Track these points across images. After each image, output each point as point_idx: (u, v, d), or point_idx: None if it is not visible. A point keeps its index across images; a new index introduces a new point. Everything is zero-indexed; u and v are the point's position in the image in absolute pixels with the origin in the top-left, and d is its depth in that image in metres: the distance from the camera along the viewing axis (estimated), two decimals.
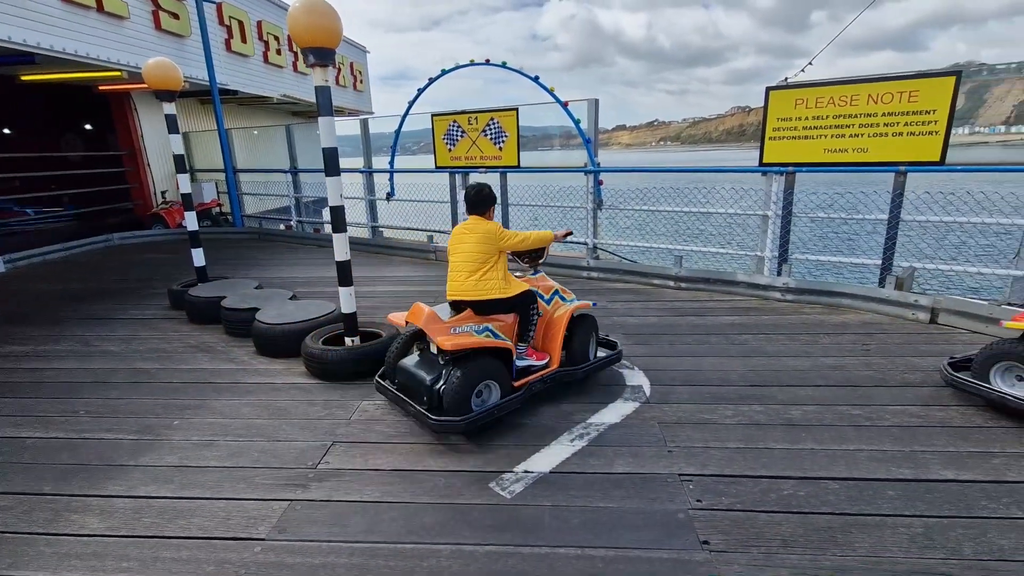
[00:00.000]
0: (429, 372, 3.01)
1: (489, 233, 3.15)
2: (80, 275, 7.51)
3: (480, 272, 3.11)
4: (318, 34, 3.34)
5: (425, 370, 3.04)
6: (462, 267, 3.16)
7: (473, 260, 3.13)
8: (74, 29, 7.52)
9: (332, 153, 3.66)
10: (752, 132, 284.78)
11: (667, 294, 5.63)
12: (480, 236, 3.14)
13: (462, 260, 3.17)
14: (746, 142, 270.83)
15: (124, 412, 3.40)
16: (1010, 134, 71.62)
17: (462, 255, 3.17)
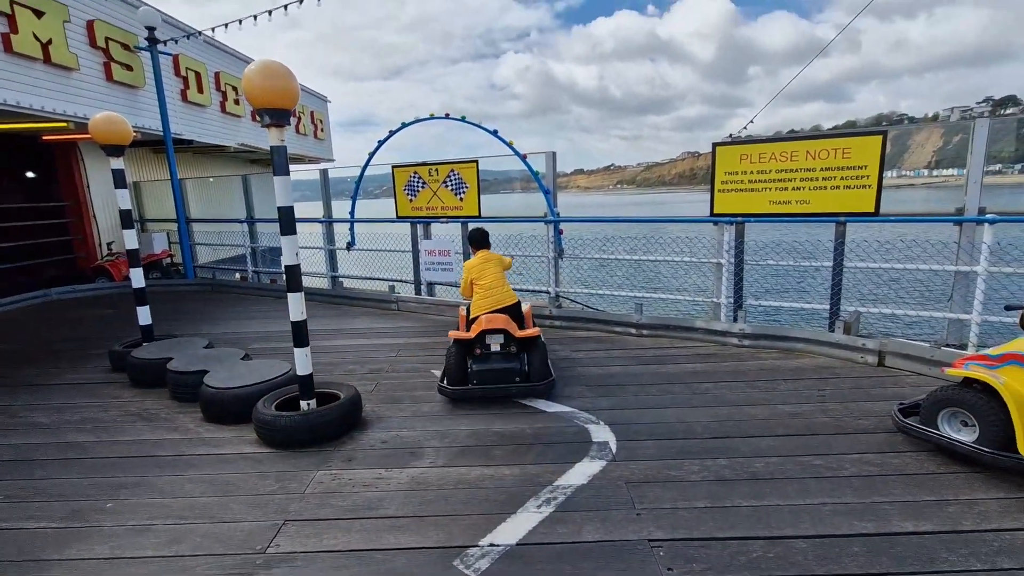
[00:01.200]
0: (511, 361, 4.19)
1: (501, 260, 4.82)
2: (11, 335, 7.01)
3: (506, 285, 4.65)
4: (273, 96, 3.33)
5: (507, 360, 4.19)
6: (498, 283, 4.58)
7: (502, 278, 4.66)
8: (18, 80, 7.29)
9: (288, 212, 3.59)
10: (702, 176, 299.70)
11: (629, 342, 5.68)
12: (497, 262, 4.74)
13: (496, 279, 4.59)
14: (697, 185, 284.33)
15: (50, 494, 3.10)
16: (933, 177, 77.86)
17: (493, 276, 4.59)
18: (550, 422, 3.82)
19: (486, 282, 4.53)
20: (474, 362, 4.19)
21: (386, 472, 3.21)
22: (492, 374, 4.13)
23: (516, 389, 4.15)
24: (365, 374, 4.98)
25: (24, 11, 7.30)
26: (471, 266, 4.68)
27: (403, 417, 3.99)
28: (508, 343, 4.22)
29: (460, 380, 4.19)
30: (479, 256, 4.72)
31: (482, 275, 4.56)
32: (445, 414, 4.02)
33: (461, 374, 4.18)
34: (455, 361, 4.20)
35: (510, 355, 4.22)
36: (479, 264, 4.63)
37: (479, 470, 3.19)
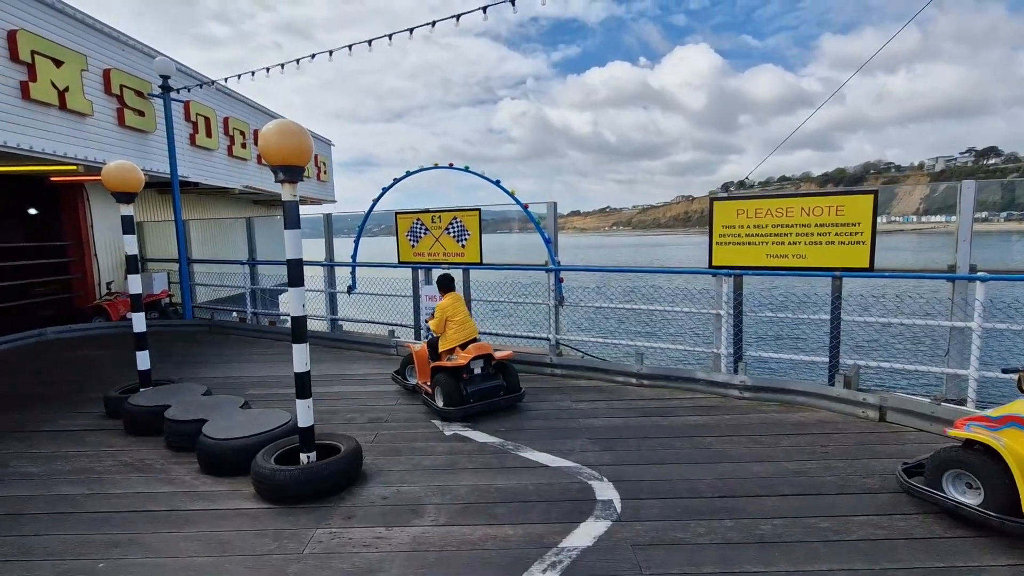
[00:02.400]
0: (495, 379, 5.16)
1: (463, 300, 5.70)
2: (3, 377, 6.92)
3: (471, 320, 5.55)
4: (288, 153, 3.45)
5: (492, 379, 5.14)
6: (467, 319, 5.47)
7: (468, 314, 5.57)
8: (33, 126, 7.48)
9: (296, 264, 3.65)
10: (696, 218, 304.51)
11: (630, 391, 5.66)
12: (462, 302, 5.63)
13: (465, 316, 5.47)
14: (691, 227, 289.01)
15: (40, 553, 3.02)
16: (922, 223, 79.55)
17: (464, 314, 5.47)
18: (553, 478, 3.77)
19: (459, 319, 5.35)
20: (467, 384, 4.98)
21: (387, 531, 3.14)
22: (484, 392, 5.02)
23: (504, 401, 5.10)
24: (365, 423, 4.92)
25: (44, 60, 7.57)
26: (444, 306, 5.39)
27: (403, 471, 3.94)
28: (487, 366, 5.14)
29: (459, 401, 4.88)
30: (449, 297, 5.49)
31: (455, 313, 5.36)
32: (446, 468, 3.97)
33: (458, 396, 4.90)
34: (452, 387, 4.93)
35: (491, 375, 5.17)
36: (451, 304, 5.40)
37: (482, 529, 3.13)
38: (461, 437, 4.55)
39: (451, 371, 5.03)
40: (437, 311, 5.42)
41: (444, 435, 4.60)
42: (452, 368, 5.03)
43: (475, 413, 4.92)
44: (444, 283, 5.61)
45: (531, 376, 6.32)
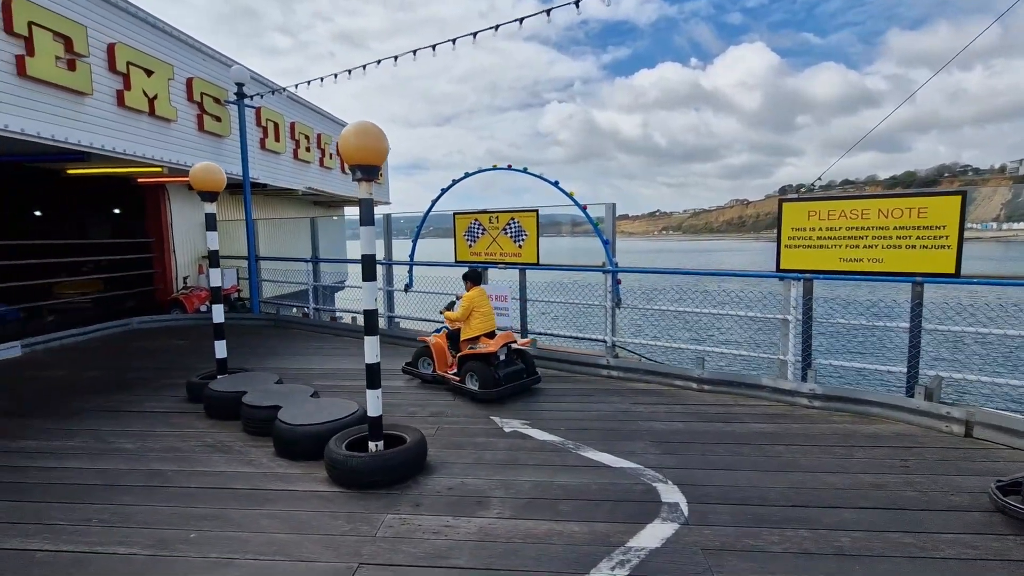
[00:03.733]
0: (517, 364, 5.72)
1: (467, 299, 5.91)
2: (97, 362, 7.51)
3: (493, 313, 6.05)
4: (366, 153, 3.60)
5: (516, 364, 5.71)
6: (491, 311, 5.95)
7: (491, 307, 6.01)
8: (125, 131, 8.10)
9: (370, 259, 3.80)
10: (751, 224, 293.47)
11: (690, 396, 5.55)
12: (486, 296, 5.99)
13: (489, 308, 5.94)
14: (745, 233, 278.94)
15: (138, 521, 3.27)
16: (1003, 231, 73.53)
17: (488, 306, 5.93)
18: (615, 478, 3.74)
19: (484, 310, 5.86)
20: (498, 369, 5.48)
21: (453, 520, 3.22)
22: (511, 375, 5.55)
23: (528, 383, 5.69)
24: (426, 417, 5.05)
25: (137, 70, 8.19)
26: (472, 297, 5.86)
27: (466, 464, 4.01)
28: (510, 353, 5.68)
29: (493, 384, 5.38)
30: (476, 290, 5.94)
31: (481, 305, 5.85)
32: (507, 463, 4.02)
33: (492, 380, 5.39)
34: (486, 372, 5.43)
35: (513, 361, 5.70)
36: (478, 296, 5.89)
37: (547, 525, 3.15)
38: (521, 434, 4.58)
39: (483, 358, 5.51)
40: (465, 301, 5.84)
41: (504, 432, 4.65)
42: (484, 355, 5.51)
43: (508, 394, 5.44)
44: (473, 277, 6.05)
45: (586, 377, 6.30)
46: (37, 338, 8.15)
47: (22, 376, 6.76)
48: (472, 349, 5.63)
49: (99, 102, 7.62)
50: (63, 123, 7.05)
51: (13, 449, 4.41)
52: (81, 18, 7.25)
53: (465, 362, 5.62)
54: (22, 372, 6.96)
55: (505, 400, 5.41)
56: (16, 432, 4.77)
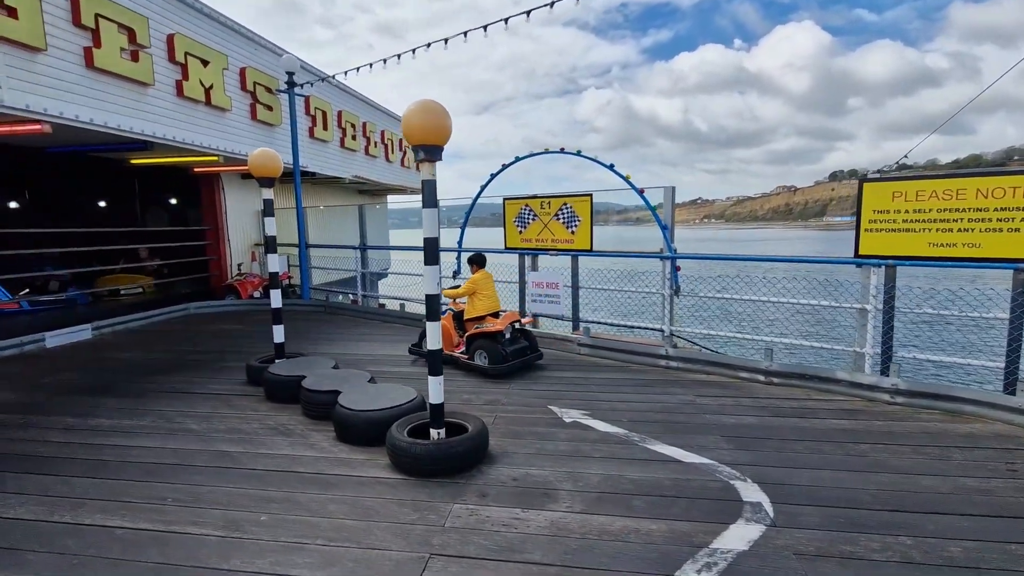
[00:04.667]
0: (522, 342, 6.03)
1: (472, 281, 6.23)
2: (160, 344, 7.79)
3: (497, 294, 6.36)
4: (430, 132, 3.48)
5: (520, 343, 6.01)
6: (495, 293, 6.28)
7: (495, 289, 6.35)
8: (184, 120, 8.31)
9: (433, 243, 3.70)
10: (799, 211, 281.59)
11: (757, 389, 5.26)
12: (491, 278, 6.32)
13: (493, 290, 6.28)
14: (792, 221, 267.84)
15: (209, 501, 3.30)
16: None
17: (492, 288, 6.28)
18: (689, 474, 3.55)
19: (488, 292, 6.17)
20: (504, 346, 5.77)
21: (523, 513, 3.10)
22: (516, 352, 5.87)
23: (532, 359, 6.03)
24: (482, 405, 4.96)
25: (194, 61, 8.36)
26: (477, 280, 6.17)
27: (528, 454, 3.89)
28: (514, 331, 6.00)
29: (501, 360, 5.69)
30: (481, 273, 6.26)
31: (486, 287, 6.16)
32: (571, 454, 3.87)
33: (500, 357, 5.70)
34: (494, 349, 5.73)
35: (517, 339, 6.02)
36: (483, 279, 6.21)
37: (622, 521, 3.00)
38: (581, 425, 4.43)
39: (491, 336, 5.86)
40: (469, 283, 6.20)
41: (564, 422, 4.51)
42: (491, 333, 5.85)
43: (515, 370, 5.79)
44: (478, 260, 6.39)
45: (643, 367, 6.08)
46: (105, 321, 8.52)
47: (94, 357, 7.07)
48: (479, 328, 5.95)
49: (160, 92, 7.82)
50: (128, 113, 7.27)
51: (90, 427, 4.57)
52: (143, 9, 7.43)
53: (474, 341, 5.96)
54: (94, 353, 7.28)
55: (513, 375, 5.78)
56: (92, 410, 4.95)
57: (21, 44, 5.81)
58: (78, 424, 4.64)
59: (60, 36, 6.27)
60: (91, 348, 7.60)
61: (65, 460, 3.91)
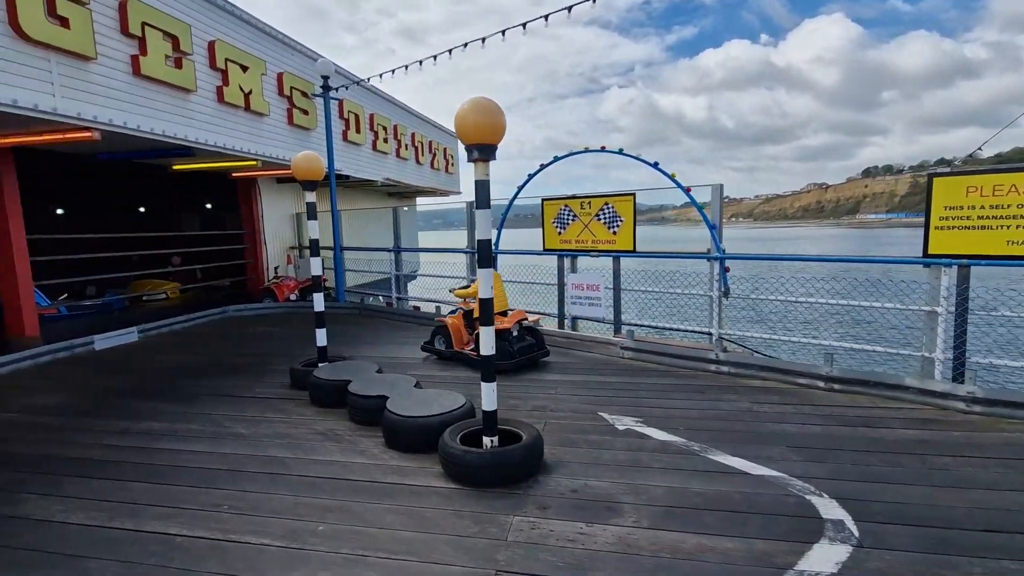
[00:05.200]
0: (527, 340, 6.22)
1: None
2: (203, 347, 7.89)
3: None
4: (485, 131, 3.37)
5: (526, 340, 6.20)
6: (501, 292, 6.46)
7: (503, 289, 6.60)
8: (224, 126, 8.42)
9: (486, 245, 3.59)
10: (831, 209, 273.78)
11: (818, 396, 5.00)
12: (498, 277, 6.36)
13: (500, 288, 6.42)
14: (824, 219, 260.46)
15: (265, 510, 3.25)
16: None
17: (501, 288, 6.48)
18: (758, 487, 3.35)
19: (497, 291, 6.07)
20: (512, 343, 6.00)
21: (587, 528, 2.96)
22: (523, 349, 6.10)
23: (538, 355, 6.22)
24: (530, 411, 4.83)
25: (234, 66, 8.48)
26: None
27: (584, 464, 3.75)
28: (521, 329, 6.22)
29: (509, 356, 5.90)
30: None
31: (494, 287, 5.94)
32: (630, 465, 3.71)
33: (508, 353, 5.90)
34: (503, 346, 5.83)
35: (523, 337, 6.20)
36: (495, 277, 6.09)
37: (694, 538, 2.83)
38: (636, 433, 4.27)
39: (499, 334, 5.86)
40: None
41: (617, 429, 4.35)
42: (499, 331, 5.87)
43: (521, 366, 6.03)
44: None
45: (690, 372, 5.86)
46: (150, 324, 8.70)
47: (142, 359, 7.20)
48: None
49: (202, 98, 7.94)
50: (172, 119, 7.39)
51: (142, 430, 4.60)
52: (185, 17, 7.55)
53: None
54: (142, 356, 7.41)
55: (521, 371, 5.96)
56: (145, 414, 5.00)
57: (73, 54, 5.93)
58: (132, 427, 4.68)
59: (109, 45, 6.39)
60: (138, 351, 7.74)
61: (120, 464, 3.93)
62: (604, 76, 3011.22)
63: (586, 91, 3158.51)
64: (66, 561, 2.78)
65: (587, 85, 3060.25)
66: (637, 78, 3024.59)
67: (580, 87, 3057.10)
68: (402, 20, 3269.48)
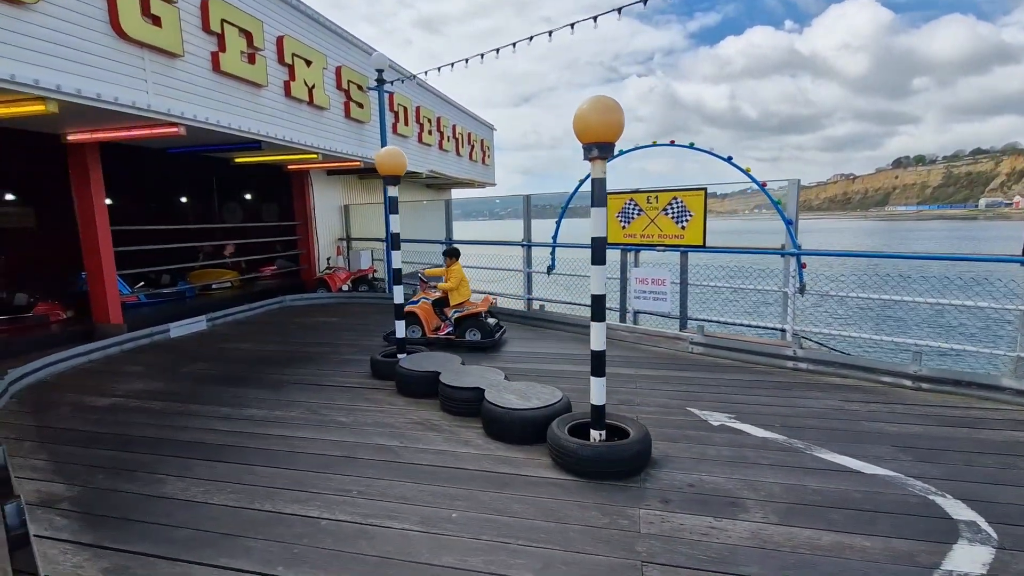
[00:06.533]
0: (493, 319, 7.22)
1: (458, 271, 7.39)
2: (270, 335, 8.13)
3: None
4: (605, 130, 3.41)
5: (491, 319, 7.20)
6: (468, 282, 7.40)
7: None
8: (290, 120, 8.59)
9: (600, 242, 3.64)
10: (858, 201, 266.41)
11: (906, 395, 4.96)
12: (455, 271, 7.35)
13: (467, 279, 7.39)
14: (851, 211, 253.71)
15: (394, 496, 3.38)
16: None
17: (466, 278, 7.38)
18: (876, 487, 3.37)
19: (465, 281, 7.33)
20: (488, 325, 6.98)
21: (717, 522, 3.02)
22: (494, 329, 7.01)
23: (502, 333, 7.23)
24: (616, 406, 4.88)
25: (300, 61, 8.62)
26: (458, 270, 7.31)
27: (691, 459, 3.80)
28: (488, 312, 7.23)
29: (490, 334, 6.90)
30: (458, 265, 7.37)
31: (464, 276, 7.30)
32: (736, 461, 3.76)
33: (488, 332, 6.91)
34: (483, 326, 6.95)
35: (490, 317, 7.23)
36: (461, 270, 7.34)
37: (828, 536, 2.87)
38: (732, 429, 4.30)
39: (476, 316, 7.00)
40: (455, 275, 7.22)
41: (711, 425, 4.39)
42: (476, 314, 7.00)
43: (497, 341, 6.99)
44: (454, 253, 7.42)
45: (769, 368, 5.86)
46: (217, 313, 8.98)
47: (216, 347, 7.45)
48: (466, 311, 7.04)
49: (271, 93, 8.10)
50: (245, 114, 7.56)
51: (245, 417, 4.80)
52: (258, 13, 7.69)
53: (463, 321, 7.03)
54: (214, 343, 7.67)
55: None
56: (240, 400, 5.20)
57: (164, 51, 6.12)
58: (233, 414, 4.87)
59: (193, 42, 6.57)
60: (209, 338, 8.01)
61: (240, 449, 4.11)
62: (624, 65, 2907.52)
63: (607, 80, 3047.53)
64: (225, 540, 2.94)
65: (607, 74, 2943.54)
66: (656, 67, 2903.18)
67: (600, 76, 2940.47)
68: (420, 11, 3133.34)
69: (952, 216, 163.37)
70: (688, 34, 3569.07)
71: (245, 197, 15.30)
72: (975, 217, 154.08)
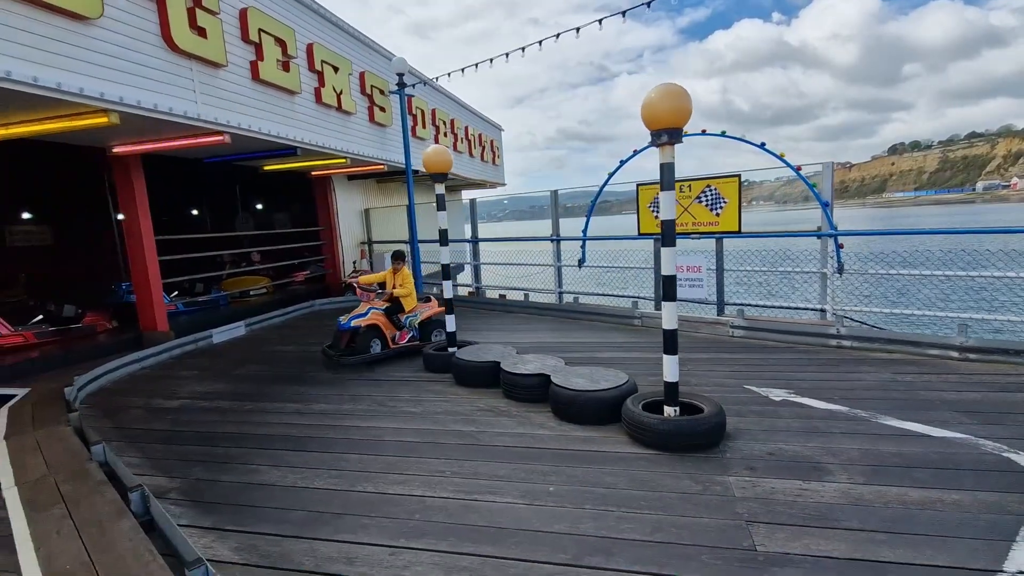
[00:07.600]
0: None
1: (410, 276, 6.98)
2: (308, 337, 8.26)
3: None
4: (674, 115, 3.56)
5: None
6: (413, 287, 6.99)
7: None
8: (321, 125, 8.75)
9: (670, 225, 3.79)
10: (855, 189, 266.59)
11: (955, 366, 5.10)
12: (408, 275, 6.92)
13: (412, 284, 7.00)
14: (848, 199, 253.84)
15: (486, 475, 3.52)
16: None
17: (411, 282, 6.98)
18: (949, 448, 3.51)
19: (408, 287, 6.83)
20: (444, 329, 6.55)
21: (806, 484, 3.16)
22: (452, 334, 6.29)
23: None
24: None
25: (328, 68, 8.79)
26: (409, 275, 6.90)
27: (764, 431, 3.94)
28: None
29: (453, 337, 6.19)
30: (407, 268, 6.95)
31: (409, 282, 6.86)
32: (808, 430, 3.90)
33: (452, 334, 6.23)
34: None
35: None
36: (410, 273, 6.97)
37: (918, 492, 3.01)
38: (794, 403, 4.44)
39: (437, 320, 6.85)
40: (409, 279, 6.83)
41: (773, 400, 4.53)
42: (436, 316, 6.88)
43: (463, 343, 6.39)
44: (403, 256, 6.89)
45: (813, 348, 5.99)
46: (255, 318, 9.12)
47: (261, 350, 7.59)
48: (426, 314, 6.89)
49: (304, 100, 8.27)
50: (281, 121, 7.73)
51: (316, 411, 4.94)
52: (289, 22, 7.86)
53: (427, 325, 6.85)
54: (258, 347, 7.81)
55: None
56: (304, 396, 5.34)
57: (209, 62, 6.27)
58: (304, 409, 5.02)
59: (234, 52, 6.73)
60: (251, 342, 8.15)
61: (321, 439, 4.26)
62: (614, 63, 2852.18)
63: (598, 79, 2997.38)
64: (339, 520, 3.08)
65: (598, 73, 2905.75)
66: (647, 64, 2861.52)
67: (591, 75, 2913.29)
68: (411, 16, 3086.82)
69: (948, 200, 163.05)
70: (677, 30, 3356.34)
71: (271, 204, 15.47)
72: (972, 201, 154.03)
